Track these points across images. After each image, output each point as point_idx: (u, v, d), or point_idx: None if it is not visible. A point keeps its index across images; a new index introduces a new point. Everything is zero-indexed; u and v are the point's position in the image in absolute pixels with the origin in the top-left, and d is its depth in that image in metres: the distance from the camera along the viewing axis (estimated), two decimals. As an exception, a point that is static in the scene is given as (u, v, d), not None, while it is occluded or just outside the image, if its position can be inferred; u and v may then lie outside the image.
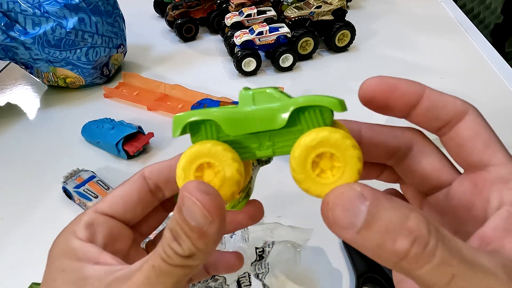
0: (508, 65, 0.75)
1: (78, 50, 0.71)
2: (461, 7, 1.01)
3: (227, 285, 0.39)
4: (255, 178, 0.25)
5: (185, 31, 0.88)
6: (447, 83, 0.71)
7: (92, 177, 0.54)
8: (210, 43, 0.89)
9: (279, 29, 0.75)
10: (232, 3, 0.84)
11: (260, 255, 0.41)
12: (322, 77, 0.76)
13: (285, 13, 0.80)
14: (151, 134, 0.62)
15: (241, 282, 0.40)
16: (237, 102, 0.21)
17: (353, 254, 0.44)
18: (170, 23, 0.91)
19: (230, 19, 0.80)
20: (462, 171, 0.21)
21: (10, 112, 0.74)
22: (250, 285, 0.40)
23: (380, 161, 0.23)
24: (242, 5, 0.83)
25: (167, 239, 0.18)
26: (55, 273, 0.22)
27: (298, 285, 0.41)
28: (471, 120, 0.20)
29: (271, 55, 0.76)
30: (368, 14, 0.95)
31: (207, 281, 0.38)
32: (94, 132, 0.62)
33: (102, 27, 0.72)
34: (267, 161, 0.24)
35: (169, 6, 0.89)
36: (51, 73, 0.74)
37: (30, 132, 0.69)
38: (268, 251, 0.41)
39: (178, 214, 0.18)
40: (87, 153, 0.62)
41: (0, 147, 0.66)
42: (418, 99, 0.20)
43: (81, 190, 0.53)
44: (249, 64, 0.75)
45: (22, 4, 0.67)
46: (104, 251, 0.22)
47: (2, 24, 0.66)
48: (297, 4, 0.80)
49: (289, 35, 0.75)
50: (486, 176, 0.20)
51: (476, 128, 0.20)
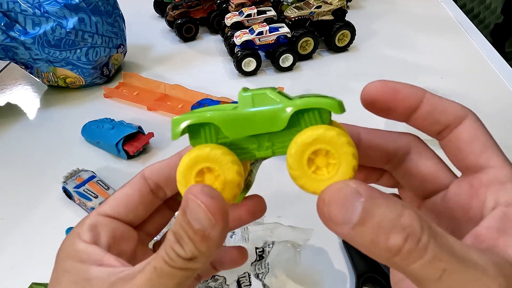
0: (508, 65, 0.75)
1: (78, 50, 0.71)
2: (461, 7, 1.01)
3: (227, 285, 0.39)
4: (256, 172, 0.25)
5: (185, 31, 0.88)
6: (447, 83, 0.71)
7: (92, 177, 0.54)
8: (210, 43, 0.89)
9: (279, 29, 0.75)
10: (232, 3, 0.84)
11: (260, 255, 0.41)
12: (322, 77, 0.76)
13: (285, 13, 0.80)
14: (151, 134, 0.62)
15: (241, 282, 0.40)
16: (237, 102, 0.21)
17: (353, 254, 0.44)
18: (170, 23, 0.91)
19: (230, 19, 0.80)
20: (459, 175, 0.22)
21: (10, 112, 0.74)
22: (250, 285, 0.40)
23: (378, 165, 0.24)
24: (242, 5, 0.83)
25: (170, 242, 0.19)
26: (61, 274, 0.22)
27: (298, 285, 0.41)
28: (470, 124, 0.20)
29: (271, 55, 0.76)
30: (368, 14, 0.95)
31: (207, 281, 0.38)
32: (94, 132, 0.62)
33: (102, 27, 0.72)
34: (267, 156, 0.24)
35: (169, 6, 0.89)
36: (51, 73, 0.74)
37: (30, 132, 0.69)
38: (268, 251, 0.41)
39: (182, 217, 0.18)
40: (87, 153, 0.62)
41: (0, 147, 0.66)
42: (419, 103, 0.21)
43: (81, 190, 0.53)
44: (249, 64, 0.75)
45: (22, 4, 0.67)
46: (108, 253, 0.22)
47: (2, 24, 0.66)
48: (297, 4, 0.80)
49: (289, 35, 0.75)
50: (483, 178, 0.20)
51: (474, 132, 0.20)
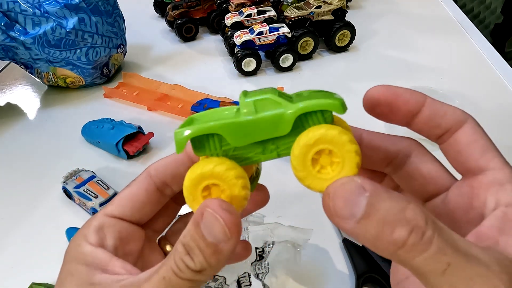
0: (508, 65, 0.75)
1: (78, 50, 0.71)
2: (461, 7, 1.01)
3: (227, 285, 0.39)
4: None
5: (185, 31, 0.88)
6: (447, 83, 0.71)
7: (92, 177, 0.54)
8: (210, 43, 0.89)
9: (279, 29, 0.75)
10: (232, 3, 0.84)
11: (260, 255, 0.41)
12: (322, 77, 0.76)
13: (285, 13, 0.80)
14: (151, 134, 0.62)
15: (241, 282, 0.40)
16: (238, 102, 0.21)
17: (353, 254, 0.44)
18: (170, 23, 0.91)
19: (230, 19, 0.80)
20: (459, 178, 0.22)
21: (10, 112, 0.74)
22: (250, 285, 0.40)
23: (379, 168, 0.24)
24: (242, 5, 0.83)
25: (180, 253, 0.19)
26: (65, 276, 0.22)
27: (298, 285, 0.41)
28: (470, 128, 0.21)
29: (271, 55, 0.76)
30: (368, 14, 0.95)
31: (207, 281, 0.38)
32: (94, 132, 0.62)
33: (102, 27, 0.72)
34: None
35: (169, 6, 0.89)
36: (51, 73, 0.74)
37: (30, 132, 0.69)
38: (268, 251, 0.41)
39: (195, 229, 0.19)
40: (87, 153, 0.62)
41: (0, 147, 0.66)
42: (420, 108, 0.21)
43: (81, 190, 0.53)
44: (249, 64, 0.75)
45: (22, 4, 0.67)
46: (114, 257, 0.22)
47: (2, 24, 0.66)
48: (297, 4, 0.80)
49: (289, 35, 0.75)
50: (483, 180, 0.20)
51: (474, 136, 0.21)
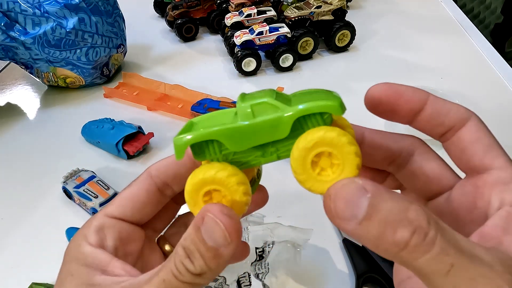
0: (508, 65, 0.75)
1: (78, 50, 0.71)
2: (461, 7, 1.01)
3: (227, 285, 0.39)
4: None
5: (185, 31, 0.88)
6: (447, 83, 0.71)
7: (92, 177, 0.54)
8: (210, 43, 0.89)
9: (279, 29, 0.75)
10: (232, 3, 0.84)
11: (260, 255, 0.41)
12: (322, 77, 0.76)
13: (285, 13, 0.79)
14: (151, 134, 0.62)
15: (241, 282, 0.40)
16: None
17: (353, 254, 0.44)
18: (170, 23, 0.91)
19: (230, 19, 0.80)
20: (463, 177, 0.22)
21: (10, 112, 0.74)
22: (250, 285, 0.40)
23: (382, 167, 0.24)
24: (242, 5, 0.83)
25: (180, 256, 0.19)
26: (65, 276, 0.22)
27: (298, 285, 0.41)
28: (473, 126, 0.21)
29: (271, 55, 0.76)
30: (368, 14, 0.95)
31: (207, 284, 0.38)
32: (94, 132, 0.62)
33: (102, 27, 0.72)
34: None
35: (169, 6, 0.89)
36: (51, 73, 0.74)
37: (30, 132, 0.69)
38: (268, 251, 0.41)
39: (195, 233, 0.19)
40: (87, 153, 0.62)
41: (0, 147, 0.66)
42: (422, 106, 0.21)
43: (81, 190, 0.53)
44: (249, 64, 0.75)
45: (22, 4, 0.67)
46: (114, 258, 0.22)
47: (2, 24, 0.66)
48: (297, 4, 0.80)
49: (289, 35, 0.75)
50: (487, 179, 0.20)
51: (478, 134, 0.20)
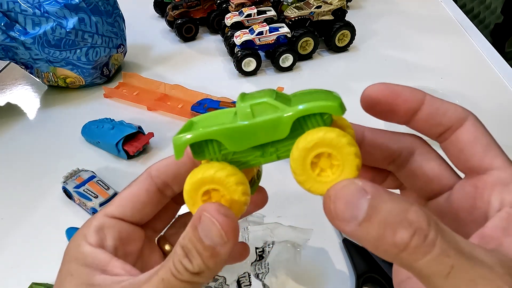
0: (508, 65, 0.75)
1: (78, 50, 0.71)
2: (461, 7, 1.01)
3: (227, 285, 0.39)
4: None
5: (185, 31, 0.88)
6: (447, 83, 0.71)
7: (92, 177, 0.54)
8: (210, 43, 0.89)
9: (279, 29, 0.75)
10: (232, 3, 0.84)
11: (260, 255, 0.41)
12: (322, 77, 0.76)
13: (285, 13, 0.79)
14: (151, 134, 0.62)
15: (241, 282, 0.40)
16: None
17: (353, 254, 0.44)
18: (170, 23, 0.91)
19: (230, 19, 0.80)
20: (463, 176, 0.22)
21: (10, 112, 0.74)
22: (250, 285, 0.40)
23: (382, 166, 0.23)
24: (242, 5, 0.83)
25: (179, 255, 0.19)
26: (65, 276, 0.22)
27: (298, 285, 0.41)
28: (471, 126, 0.20)
29: (271, 55, 0.76)
30: (368, 14, 0.95)
31: (206, 283, 0.38)
32: (94, 132, 0.62)
33: (102, 27, 0.72)
34: None
35: (169, 6, 0.89)
36: (51, 73, 0.74)
37: (30, 132, 0.69)
38: (268, 251, 0.41)
39: (193, 232, 0.19)
40: (87, 153, 0.62)
41: (0, 147, 0.66)
42: (419, 106, 0.21)
43: (81, 190, 0.53)
44: (249, 64, 0.75)
45: (22, 4, 0.67)
46: (114, 258, 0.22)
47: (2, 24, 0.66)
48: (297, 4, 0.80)
49: (289, 35, 0.75)
50: (487, 180, 0.20)
51: (476, 134, 0.20)
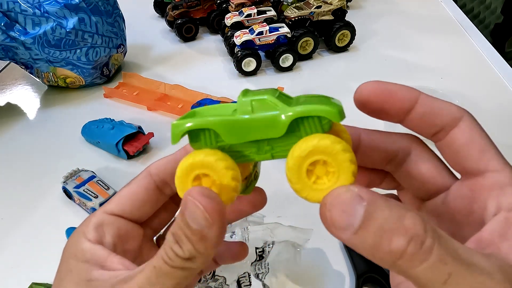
0: (508, 65, 0.75)
1: (78, 50, 0.71)
2: (461, 7, 1.01)
3: (227, 285, 0.39)
4: (261, 162, 0.25)
5: (185, 31, 0.88)
6: (447, 83, 0.71)
7: (92, 177, 0.54)
8: (210, 43, 0.89)
9: (279, 29, 0.75)
10: (232, 3, 0.84)
11: (260, 255, 0.41)
12: (322, 77, 0.76)
13: (285, 13, 0.79)
14: (151, 134, 0.62)
15: (241, 282, 0.40)
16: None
17: (353, 254, 0.44)
18: (170, 23, 0.91)
19: (230, 19, 0.80)
20: (459, 176, 0.22)
21: (10, 112, 0.74)
22: (250, 285, 0.40)
23: (380, 167, 0.23)
24: (242, 5, 0.83)
25: (169, 242, 0.19)
26: (64, 273, 0.22)
27: (298, 285, 0.41)
28: (466, 126, 0.20)
29: (271, 55, 0.76)
30: (368, 14, 0.95)
31: (207, 281, 0.38)
32: (94, 132, 0.62)
33: (102, 27, 0.72)
34: None
35: (169, 6, 0.89)
36: (51, 73, 0.74)
37: (30, 132, 0.69)
38: (268, 251, 0.41)
39: (181, 218, 0.19)
40: (87, 153, 0.62)
41: (0, 147, 0.66)
42: (413, 105, 0.21)
43: (81, 190, 0.53)
44: (249, 64, 0.75)
45: (22, 4, 0.67)
46: (112, 253, 0.22)
47: (2, 24, 0.66)
48: (297, 4, 0.80)
49: (289, 35, 0.75)
50: (483, 182, 0.20)
51: (471, 135, 0.20)
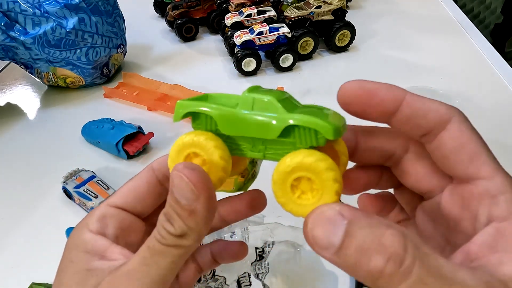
0: (508, 65, 0.75)
1: (78, 50, 0.71)
2: (461, 7, 1.01)
3: (227, 285, 0.39)
4: (261, 163, 0.26)
5: (185, 31, 0.88)
6: (447, 83, 0.71)
7: (92, 177, 0.54)
8: (210, 43, 0.89)
9: (279, 29, 0.75)
10: (232, 3, 0.84)
11: (260, 255, 0.41)
12: (322, 77, 0.76)
13: (285, 13, 0.80)
14: (151, 134, 0.62)
15: (241, 282, 0.40)
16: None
17: (353, 254, 0.44)
18: (170, 23, 0.91)
19: (230, 19, 0.80)
20: None
21: (10, 112, 0.74)
22: (250, 285, 0.40)
23: (378, 163, 0.23)
24: (242, 5, 0.83)
25: (161, 221, 0.20)
26: (66, 264, 0.23)
27: (298, 285, 0.41)
28: (456, 129, 0.19)
29: (271, 55, 0.76)
30: (368, 14, 0.95)
31: (207, 281, 0.38)
32: (94, 132, 0.62)
33: (102, 27, 0.72)
34: None
35: (169, 6, 0.89)
36: (51, 73, 0.74)
37: (30, 132, 0.69)
38: (268, 251, 0.41)
39: (170, 196, 0.19)
40: (87, 153, 0.62)
41: (0, 147, 0.66)
42: (397, 106, 0.20)
43: (81, 190, 0.53)
44: (249, 64, 0.75)
45: (22, 4, 0.67)
46: (113, 244, 0.23)
47: (2, 24, 0.66)
48: (297, 4, 0.80)
49: (289, 35, 0.75)
50: (473, 190, 0.19)
51: (461, 138, 0.19)
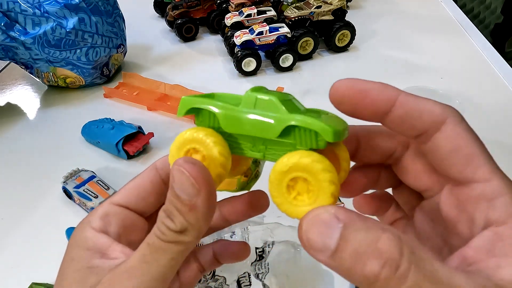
0: (508, 65, 0.75)
1: (78, 50, 0.71)
2: (461, 7, 1.01)
3: (227, 285, 0.39)
4: (264, 163, 0.26)
5: (185, 31, 0.88)
6: (447, 83, 0.71)
7: (92, 177, 0.54)
8: (210, 43, 0.89)
9: (279, 29, 0.75)
10: (232, 3, 0.84)
11: (260, 255, 0.41)
12: (322, 77, 0.76)
13: (285, 13, 0.80)
14: (151, 134, 0.62)
15: (241, 282, 0.40)
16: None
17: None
18: (170, 23, 0.91)
19: (230, 19, 0.80)
20: None
21: (10, 112, 0.74)
22: (250, 285, 0.40)
23: (379, 162, 0.23)
24: (242, 5, 0.83)
25: (161, 217, 0.19)
26: (67, 262, 0.23)
27: (298, 285, 0.41)
28: (451, 131, 0.19)
29: (271, 55, 0.76)
30: (368, 14, 0.95)
31: (207, 281, 0.38)
32: (94, 132, 0.62)
33: (102, 27, 0.72)
34: None
35: (169, 6, 0.89)
36: (51, 73, 0.74)
37: (30, 132, 0.69)
38: (268, 251, 0.41)
39: (170, 191, 0.19)
40: (87, 153, 0.62)
41: (0, 147, 0.66)
42: (390, 107, 0.19)
43: (81, 190, 0.53)
44: (249, 64, 0.75)
45: (22, 4, 0.67)
46: (115, 242, 0.23)
47: (2, 24, 0.66)
48: (297, 4, 0.80)
49: (289, 35, 0.75)
50: (470, 193, 0.19)
51: (456, 140, 0.19)
